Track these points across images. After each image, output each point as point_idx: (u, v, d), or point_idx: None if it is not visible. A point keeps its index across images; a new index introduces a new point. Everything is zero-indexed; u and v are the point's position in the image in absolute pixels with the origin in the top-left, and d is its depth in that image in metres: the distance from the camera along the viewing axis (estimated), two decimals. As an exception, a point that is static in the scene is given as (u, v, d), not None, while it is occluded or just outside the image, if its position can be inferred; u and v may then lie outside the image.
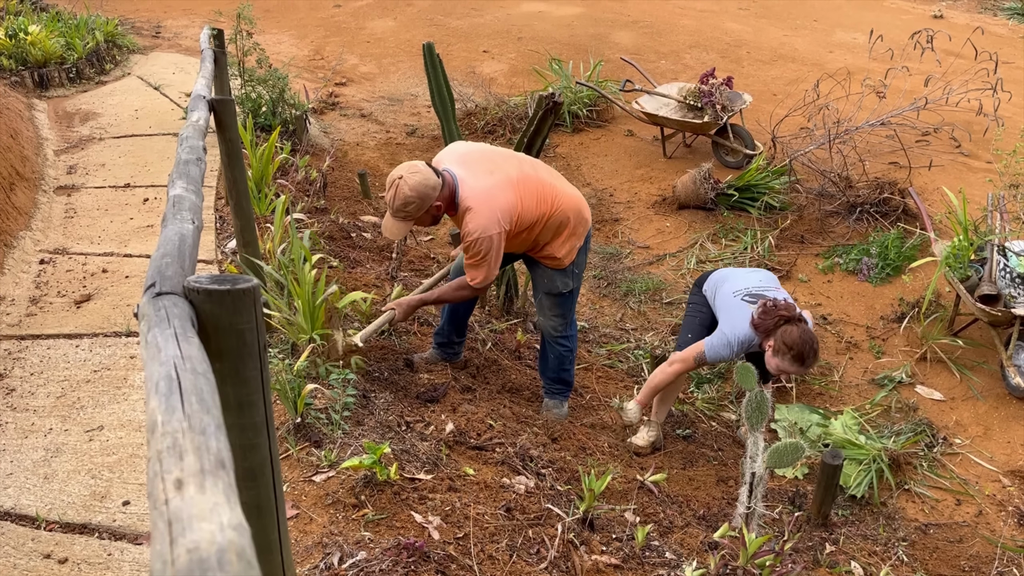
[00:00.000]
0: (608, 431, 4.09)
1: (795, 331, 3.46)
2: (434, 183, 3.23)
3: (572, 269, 3.66)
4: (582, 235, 3.63)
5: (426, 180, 3.21)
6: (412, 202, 3.20)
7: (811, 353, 3.47)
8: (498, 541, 2.69)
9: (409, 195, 3.19)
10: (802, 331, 3.46)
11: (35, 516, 2.75)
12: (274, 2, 11.63)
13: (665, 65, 8.98)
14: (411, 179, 3.20)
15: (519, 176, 3.40)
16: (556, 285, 3.67)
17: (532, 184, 3.42)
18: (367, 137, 7.69)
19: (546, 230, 3.50)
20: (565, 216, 3.51)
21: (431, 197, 3.22)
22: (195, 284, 1.35)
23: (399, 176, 3.23)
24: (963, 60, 7.16)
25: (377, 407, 3.36)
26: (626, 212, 6.65)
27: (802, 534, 3.48)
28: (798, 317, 3.54)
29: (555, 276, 3.65)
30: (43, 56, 7.75)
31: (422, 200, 3.21)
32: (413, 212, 3.24)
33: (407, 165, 3.27)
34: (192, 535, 0.76)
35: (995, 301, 4.66)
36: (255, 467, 1.51)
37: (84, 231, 4.97)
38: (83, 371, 3.60)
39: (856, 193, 6.16)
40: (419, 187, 3.19)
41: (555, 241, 3.55)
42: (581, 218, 3.60)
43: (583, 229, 3.62)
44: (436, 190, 3.23)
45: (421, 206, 3.22)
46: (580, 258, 3.68)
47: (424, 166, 3.26)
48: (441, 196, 3.27)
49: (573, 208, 3.55)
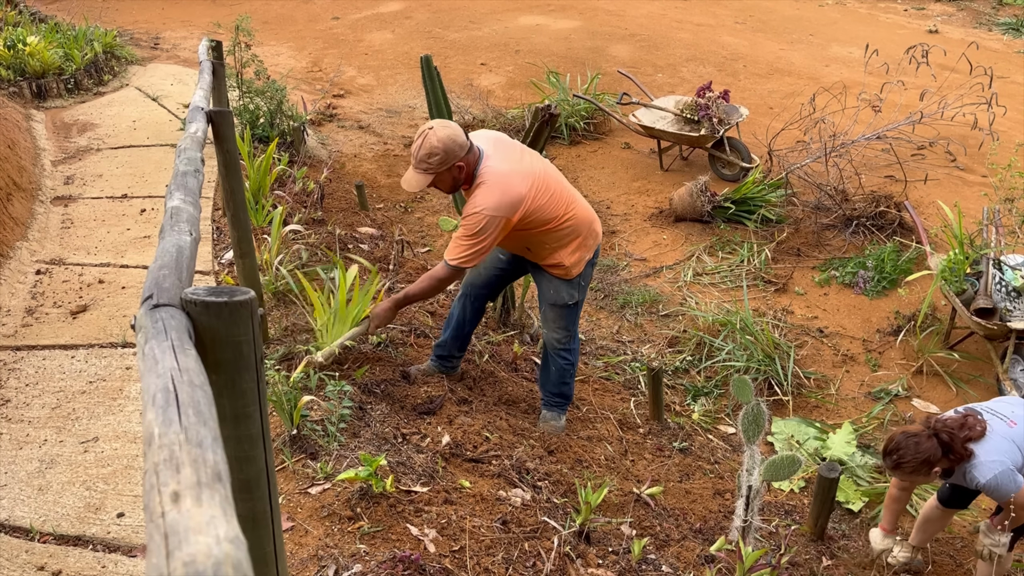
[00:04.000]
0: (604, 443, 4.08)
1: (910, 429, 3.17)
2: (462, 141, 3.23)
3: (579, 281, 3.67)
4: (591, 248, 3.65)
5: (455, 136, 3.21)
6: (437, 153, 3.19)
7: (892, 456, 3.15)
8: (494, 554, 2.68)
9: (436, 145, 3.18)
10: (908, 435, 3.13)
11: (29, 528, 2.74)
12: (272, 14, 11.67)
13: (662, 78, 9.02)
14: (441, 131, 3.20)
15: (541, 173, 3.43)
16: (562, 296, 3.67)
17: (552, 185, 3.45)
18: (365, 149, 7.71)
19: (557, 234, 3.50)
20: (578, 224, 3.53)
21: (456, 155, 3.22)
22: (192, 296, 1.35)
23: (429, 127, 3.23)
24: (958, 75, 7.20)
25: (373, 419, 3.35)
26: (623, 224, 6.66)
27: (799, 548, 3.47)
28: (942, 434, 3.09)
29: (561, 287, 3.66)
30: (41, 67, 7.77)
31: (447, 154, 3.20)
32: (436, 165, 3.22)
33: (439, 119, 3.27)
34: (188, 548, 0.76)
35: (991, 315, 4.68)
36: (251, 479, 1.51)
37: (81, 242, 4.96)
38: (78, 382, 3.59)
39: (852, 206, 6.18)
40: (447, 140, 3.19)
41: (565, 249, 3.56)
42: (592, 231, 3.62)
43: (593, 242, 3.65)
44: (463, 149, 3.23)
45: (445, 160, 3.21)
46: (587, 271, 3.70)
47: (456, 125, 3.27)
48: (466, 159, 3.26)
49: (586, 219, 3.58)
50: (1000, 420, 3.19)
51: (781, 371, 4.79)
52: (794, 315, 5.45)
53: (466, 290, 3.92)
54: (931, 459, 3.06)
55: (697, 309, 5.45)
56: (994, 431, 3.13)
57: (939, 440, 3.06)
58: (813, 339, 5.22)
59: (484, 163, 3.33)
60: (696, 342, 5.12)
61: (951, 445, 3.06)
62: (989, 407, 3.31)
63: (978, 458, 3.06)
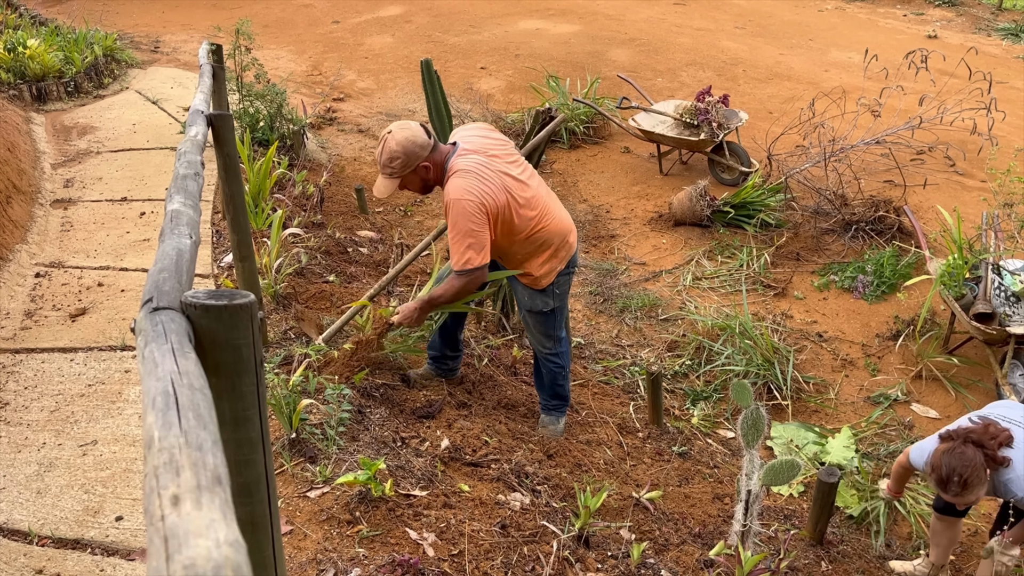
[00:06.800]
0: (603, 447, 4.08)
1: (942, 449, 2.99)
2: (423, 142, 3.21)
3: (552, 290, 3.58)
4: (564, 259, 3.54)
5: (414, 137, 3.21)
6: (398, 157, 3.20)
7: (953, 480, 2.92)
8: (493, 558, 2.68)
9: (395, 149, 3.19)
10: (952, 453, 2.95)
11: (27, 531, 2.73)
12: (273, 18, 11.69)
13: (662, 83, 9.03)
14: (399, 134, 3.21)
15: (518, 175, 3.36)
16: (537, 304, 3.61)
17: (527, 190, 3.36)
18: (364, 152, 7.71)
19: (527, 243, 3.42)
20: (549, 236, 3.44)
21: (418, 156, 3.21)
22: (192, 299, 1.35)
23: (388, 131, 3.24)
24: (957, 80, 7.22)
25: (372, 423, 3.35)
26: (622, 228, 6.66)
27: (798, 552, 3.47)
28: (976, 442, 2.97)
29: (535, 295, 3.59)
30: (41, 70, 7.77)
31: (407, 157, 3.20)
32: (398, 168, 3.23)
33: (399, 122, 3.28)
34: (188, 551, 0.76)
35: (990, 319, 4.68)
36: (250, 483, 1.50)
37: (80, 244, 4.96)
38: (77, 385, 3.58)
39: (851, 211, 6.19)
40: (405, 142, 3.19)
41: (534, 260, 3.48)
42: (565, 243, 3.53)
43: (565, 254, 3.54)
44: (425, 149, 3.22)
45: (407, 163, 3.21)
46: (560, 280, 3.59)
47: (416, 125, 3.26)
48: (431, 158, 3.25)
49: (559, 231, 3.48)
50: (1020, 429, 3.12)
51: (780, 375, 4.79)
52: (793, 319, 5.45)
53: None
54: (984, 463, 2.94)
55: (696, 313, 5.45)
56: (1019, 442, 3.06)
57: (975, 445, 2.97)
58: (812, 343, 5.22)
59: (456, 155, 3.27)
60: (695, 346, 5.12)
61: (986, 449, 2.96)
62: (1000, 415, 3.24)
63: (1015, 471, 2.99)
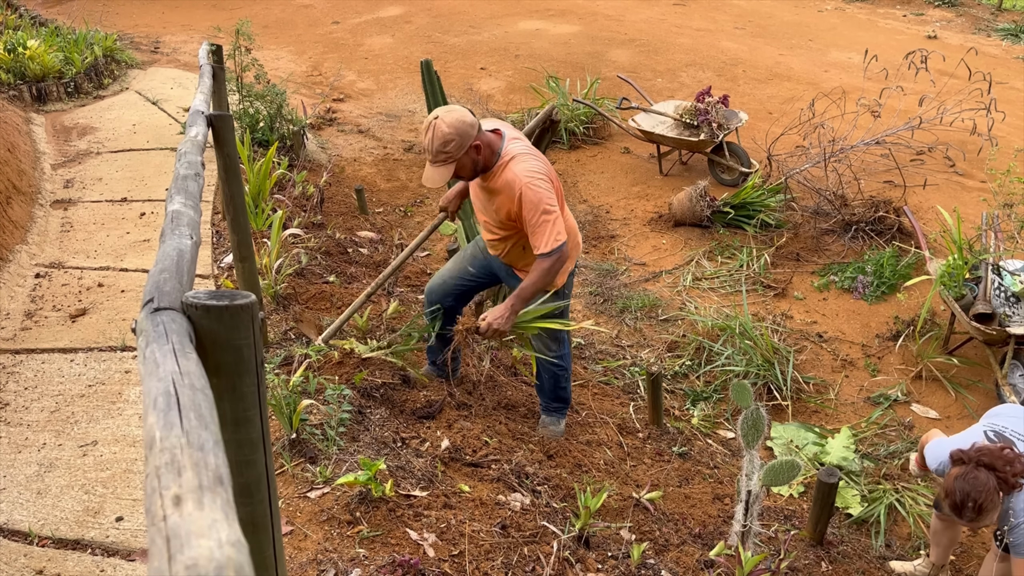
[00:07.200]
0: (604, 448, 4.08)
1: (955, 473, 2.90)
2: (472, 121, 3.15)
3: (563, 290, 3.63)
4: (574, 259, 3.63)
5: (463, 117, 3.14)
6: (451, 140, 3.10)
7: (968, 506, 2.83)
8: (493, 559, 2.68)
9: (448, 132, 3.09)
10: (966, 479, 2.86)
11: (28, 531, 2.73)
12: (273, 18, 11.69)
13: (661, 83, 9.04)
14: (448, 117, 3.12)
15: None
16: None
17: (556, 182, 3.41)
18: (364, 153, 7.71)
19: None
20: (569, 233, 3.49)
21: (470, 135, 3.13)
22: (193, 300, 1.35)
23: (435, 117, 3.14)
24: (957, 80, 7.22)
25: (373, 423, 3.35)
26: (622, 229, 6.66)
27: (798, 553, 3.47)
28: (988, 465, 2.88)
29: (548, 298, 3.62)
30: (41, 70, 7.77)
31: (461, 137, 3.11)
32: (454, 152, 3.12)
33: (440, 107, 3.21)
34: (190, 552, 0.76)
35: (990, 320, 4.68)
36: (251, 483, 1.51)
37: (80, 245, 4.96)
38: (77, 385, 3.58)
39: (851, 211, 6.19)
40: (457, 124, 3.11)
41: None
42: (575, 242, 3.60)
43: (576, 253, 3.62)
44: (474, 128, 3.15)
45: (461, 144, 3.11)
46: (569, 280, 3.66)
47: (460, 106, 3.21)
48: (480, 138, 3.18)
49: (573, 229, 3.56)
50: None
51: (780, 376, 4.79)
52: (793, 320, 5.45)
53: (432, 302, 3.80)
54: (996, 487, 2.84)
55: (696, 314, 5.45)
56: None
57: (986, 467, 2.87)
58: (812, 344, 5.22)
59: (507, 141, 3.27)
60: (695, 347, 5.12)
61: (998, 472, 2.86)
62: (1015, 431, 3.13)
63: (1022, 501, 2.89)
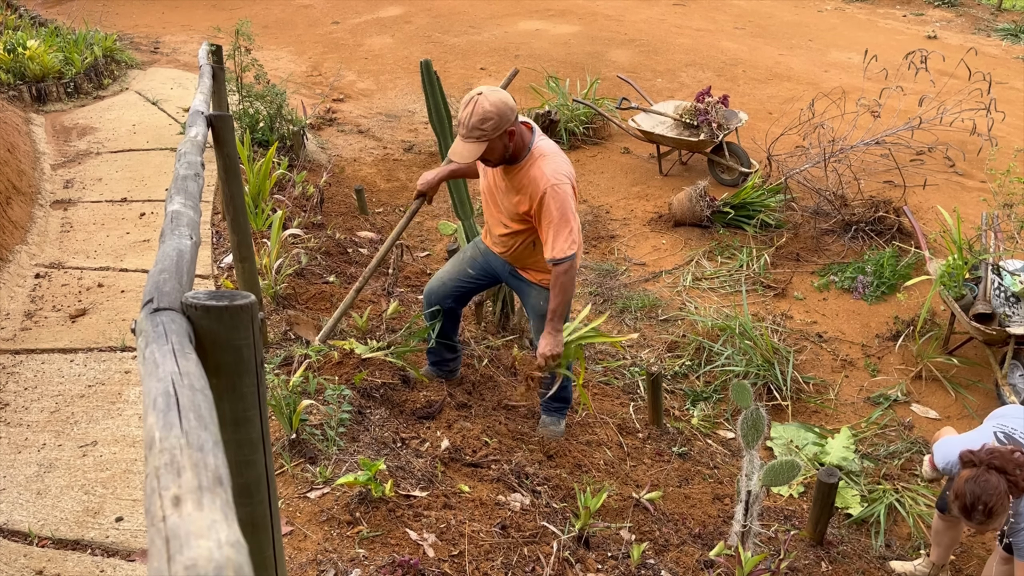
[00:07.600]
0: (604, 448, 4.08)
1: (965, 476, 2.87)
2: (513, 105, 3.14)
3: None
4: (580, 256, 3.62)
5: (506, 99, 3.12)
6: (491, 118, 3.07)
7: (978, 509, 2.81)
8: (493, 559, 2.68)
9: (489, 110, 3.06)
10: (976, 481, 2.84)
11: (27, 532, 2.73)
12: (273, 18, 11.69)
13: (661, 83, 9.04)
14: (491, 96, 3.10)
15: None
16: None
17: None
18: (364, 153, 7.71)
19: None
20: None
21: (509, 119, 3.11)
22: (193, 300, 1.35)
23: (478, 93, 3.12)
24: (957, 80, 7.22)
25: (372, 423, 3.35)
26: (622, 229, 6.66)
27: (798, 553, 3.47)
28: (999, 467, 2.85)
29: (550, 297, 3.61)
30: (41, 71, 7.77)
31: (500, 119, 3.08)
32: (490, 131, 3.08)
33: (485, 86, 3.19)
34: (190, 552, 0.76)
35: (990, 320, 4.68)
36: (251, 484, 1.51)
37: (80, 245, 4.96)
38: (77, 386, 3.58)
39: (851, 211, 6.19)
40: (499, 103, 3.08)
41: None
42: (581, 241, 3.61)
43: (581, 251, 3.62)
44: (514, 113, 3.13)
45: (499, 125, 3.08)
46: None
47: (503, 90, 3.21)
48: (516, 126, 3.17)
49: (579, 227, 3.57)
50: None
51: (780, 376, 4.79)
52: (793, 320, 5.45)
53: (431, 304, 3.80)
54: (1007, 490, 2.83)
55: (696, 314, 5.45)
56: None
57: (997, 470, 2.86)
58: (812, 344, 5.22)
59: (537, 137, 3.26)
60: (695, 347, 5.12)
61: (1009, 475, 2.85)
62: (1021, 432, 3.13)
63: None
